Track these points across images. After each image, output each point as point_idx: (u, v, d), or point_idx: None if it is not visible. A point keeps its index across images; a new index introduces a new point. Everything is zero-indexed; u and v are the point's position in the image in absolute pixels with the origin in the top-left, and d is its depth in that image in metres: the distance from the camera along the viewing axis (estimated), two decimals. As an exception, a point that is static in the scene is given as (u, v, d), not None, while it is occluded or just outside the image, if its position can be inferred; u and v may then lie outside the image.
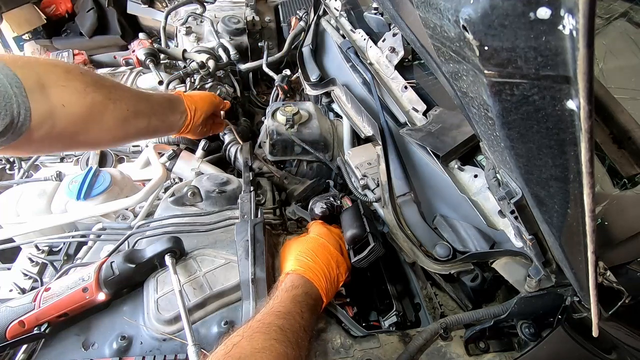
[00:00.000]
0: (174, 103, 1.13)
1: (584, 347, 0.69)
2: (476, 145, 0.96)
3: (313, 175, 1.31)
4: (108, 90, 0.90)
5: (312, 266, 0.83)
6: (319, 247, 0.89)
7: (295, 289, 0.77)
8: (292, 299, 0.73)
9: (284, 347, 0.62)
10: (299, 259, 0.85)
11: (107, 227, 1.08)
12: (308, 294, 0.77)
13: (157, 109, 1.05)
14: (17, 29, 2.85)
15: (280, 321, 0.67)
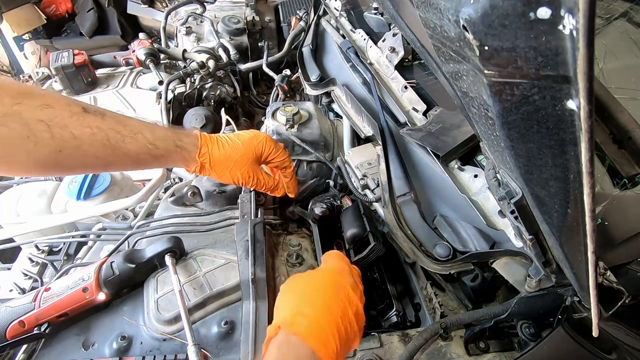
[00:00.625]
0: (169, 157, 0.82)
1: (584, 347, 0.69)
2: (476, 145, 0.96)
3: (313, 175, 1.31)
4: None
5: (317, 323, 0.58)
6: (332, 289, 0.64)
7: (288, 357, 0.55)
8: None
9: None
10: (299, 308, 0.61)
11: (107, 227, 1.08)
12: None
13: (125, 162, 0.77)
14: (17, 29, 2.85)
15: None
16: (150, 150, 0.77)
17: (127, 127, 0.74)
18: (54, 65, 1.50)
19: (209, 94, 1.63)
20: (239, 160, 0.89)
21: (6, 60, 2.92)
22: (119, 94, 1.55)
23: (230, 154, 0.89)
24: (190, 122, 1.52)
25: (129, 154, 0.75)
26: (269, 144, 0.93)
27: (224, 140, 0.90)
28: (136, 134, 0.75)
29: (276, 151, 0.95)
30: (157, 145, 0.78)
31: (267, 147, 0.93)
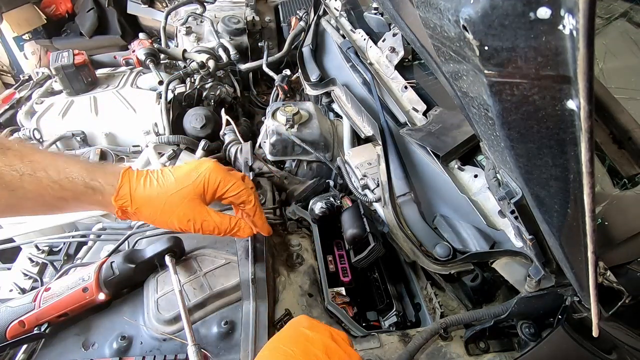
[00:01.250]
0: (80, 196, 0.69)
1: (584, 347, 0.69)
2: (476, 145, 0.96)
3: (313, 175, 1.31)
4: None
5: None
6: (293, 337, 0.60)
7: None
8: None
9: None
10: None
11: (107, 227, 1.08)
12: None
13: None
14: (17, 29, 2.85)
15: None
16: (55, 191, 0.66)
17: (30, 164, 0.64)
18: (54, 65, 1.50)
19: (209, 94, 1.63)
20: (170, 201, 0.72)
21: (6, 60, 2.93)
22: (119, 94, 1.54)
23: (158, 194, 0.72)
24: (190, 122, 1.52)
25: (28, 196, 0.64)
26: (214, 176, 0.76)
27: (154, 176, 0.74)
28: (37, 172, 0.65)
29: (227, 183, 0.77)
30: (62, 185, 0.66)
31: (213, 180, 0.76)
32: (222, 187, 0.77)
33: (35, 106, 1.55)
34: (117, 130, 1.53)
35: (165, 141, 1.43)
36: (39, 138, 1.51)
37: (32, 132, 1.49)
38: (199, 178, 0.75)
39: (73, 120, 1.50)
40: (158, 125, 1.48)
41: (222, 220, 0.78)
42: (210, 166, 0.77)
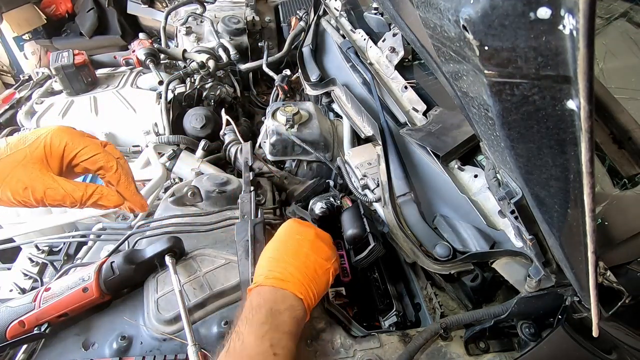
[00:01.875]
0: None
1: (584, 347, 0.69)
2: (476, 145, 0.96)
3: (313, 175, 1.31)
4: None
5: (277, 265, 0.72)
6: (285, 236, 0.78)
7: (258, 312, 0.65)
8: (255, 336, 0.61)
9: None
10: (260, 265, 0.74)
11: (107, 227, 1.08)
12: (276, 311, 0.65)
13: None
14: (17, 29, 2.85)
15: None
16: None
17: None
18: (54, 65, 1.50)
19: (209, 94, 1.63)
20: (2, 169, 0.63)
21: (6, 60, 2.93)
22: (119, 94, 1.55)
23: None
24: (190, 122, 1.52)
25: None
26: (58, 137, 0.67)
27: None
28: None
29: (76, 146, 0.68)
30: None
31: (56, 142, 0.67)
32: (69, 151, 0.68)
33: (35, 106, 1.55)
34: (117, 130, 1.53)
35: (165, 141, 1.43)
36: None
37: (32, 132, 1.49)
38: (37, 141, 0.66)
39: (73, 120, 1.51)
40: (158, 125, 1.48)
41: (75, 188, 0.68)
42: (53, 128, 0.68)
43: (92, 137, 0.74)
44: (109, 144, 0.75)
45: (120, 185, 0.73)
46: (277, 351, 0.61)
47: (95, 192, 0.70)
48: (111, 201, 0.72)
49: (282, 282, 0.70)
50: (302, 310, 0.70)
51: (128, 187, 0.74)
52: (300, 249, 0.75)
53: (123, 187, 0.74)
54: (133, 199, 0.75)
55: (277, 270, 0.72)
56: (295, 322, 0.67)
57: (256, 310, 0.66)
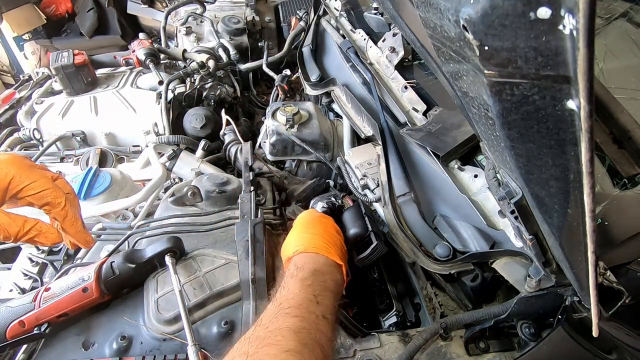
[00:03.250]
0: None
1: (584, 347, 0.69)
2: (476, 145, 0.96)
3: (313, 175, 1.31)
4: None
5: (313, 238, 0.77)
6: (312, 219, 0.85)
7: (302, 270, 0.69)
8: (300, 286, 0.65)
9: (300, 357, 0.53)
10: (296, 238, 0.79)
11: (107, 227, 1.07)
12: (318, 271, 0.70)
13: None
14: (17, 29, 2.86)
15: (291, 321, 0.58)
16: None
17: None
18: (54, 65, 1.50)
19: (209, 94, 1.63)
20: None
21: (6, 60, 2.93)
22: (119, 94, 1.55)
23: None
24: (190, 122, 1.52)
25: None
26: (5, 169, 0.64)
27: None
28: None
29: (24, 180, 0.65)
30: None
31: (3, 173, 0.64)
32: (15, 184, 0.64)
33: (35, 106, 1.55)
34: (117, 130, 1.53)
35: (165, 141, 1.43)
36: (39, 138, 1.51)
37: (32, 132, 1.49)
38: None
39: (73, 120, 1.51)
40: (158, 125, 1.48)
41: (10, 222, 0.65)
42: (3, 159, 0.64)
43: (44, 169, 0.71)
44: (60, 178, 0.72)
45: (66, 222, 0.71)
46: (320, 300, 0.63)
47: (33, 228, 0.67)
48: (49, 239, 0.69)
49: (323, 248, 0.75)
50: (341, 276, 0.75)
51: (74, 223, 0.71)
52: (327, 228, 0.83)
53: (69, 223, 0.71)
54: (78, 236, 0.73)
55: (314, 240, 0.77)
56: (336, 285, 0.72)
57: (300, 269, 0.69)
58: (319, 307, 0.62)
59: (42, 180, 0.67)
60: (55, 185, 0.69)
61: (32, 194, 0.66)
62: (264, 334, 0.55)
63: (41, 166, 0.72)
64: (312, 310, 0.61)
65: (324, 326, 0.60)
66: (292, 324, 0.57)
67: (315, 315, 0.61)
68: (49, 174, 0.70)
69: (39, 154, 1.41)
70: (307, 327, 0.58)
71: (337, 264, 0.75)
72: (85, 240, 0.74)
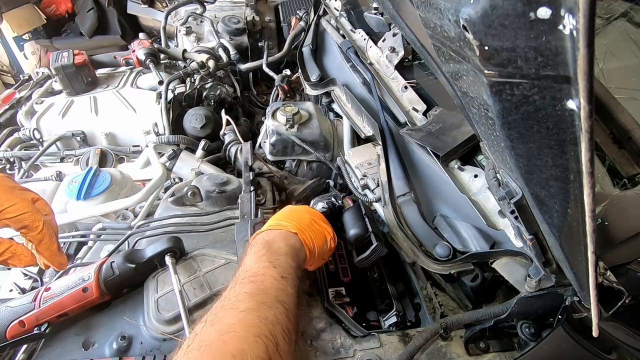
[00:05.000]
0: None
1: (584, 347, 0.69)
2: (476, 145, 0.96)
3: (313, 175, 1.31)
4: None
5: (277, 219, 0.80)
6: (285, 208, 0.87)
7: (254, 246, 0.71)
8: (255, 258, 0.67)
9: (257, 313, 0.55)
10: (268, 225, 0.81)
11: (107, 227, 1.08)
12: (270, 241, 0.72)
13: None
14: (17, 29, 2.85)
15: (247, 287, 0.60)
16: None
17: None
18: (54, 65, 1.50)
19: (209, 94, 1.63)
20: None
21: (6, 60, 2.92)
22: (119, 94, 1.55)
23: None
24: (190, 122, 1.52)
25: None
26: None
27: None
28: None
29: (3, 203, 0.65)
30: None
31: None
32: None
33: (35, 106, 1.55)
34: (117, 130, 1.53)
35: (165, 141, 1.43)
36: (39, 138, 1.51)
37: (32, 132, 1.49)
38: None
39: (73, 120, 1.51)
40: (158, 125, 1.48)
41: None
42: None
43: (24, 190, 0.71)
44: (41, 200, 0.72)
45: (42, 245, 0.70)
46: (276, 264, 0.66)
47: (7, 250, 0.67)
48: (22, 261, 0.69)
49: (277, 225, 0.78)
50: (299, 242, 0.76)
51: (49, 247, 0.71)
52: (293, 210, 0.85)
53: (44, 247, 0.71)
54: (52, 259, 0.73)
55: (269, 223, 0.80)
56: (292, 248, 0.73)
57: (252, 246, 0.72)
58: (275, 270, 0.65)
59: (21, 204, 0.67)
60: (35, 208, 0.69)
61: (10, 217, 0.66)
62: (222, 303, 0.58)
63: (22, 188, 0.71)
64: (269, 274, 0.63)
65: (283, 284, 0.63)
66: (249, 289, 0.60)
67: (273, 277, 0.63)
68: (29, 196, 0.70)
69: (39, 154, 1.41)
70: (264, 288, 0.60)
71: (292, 233, 0.76)
72: (59, 263, 0.74)
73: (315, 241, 0.78)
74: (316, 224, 0.82)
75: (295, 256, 0.73)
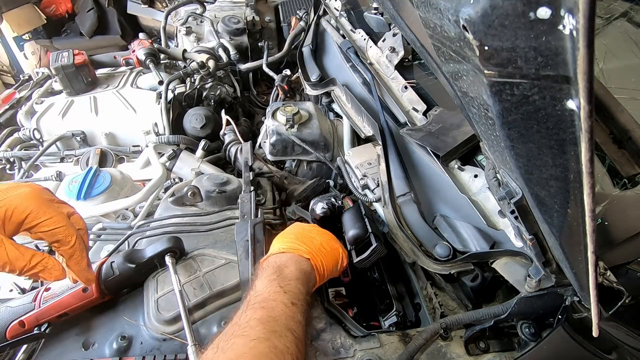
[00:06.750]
0: None
1: (584, 347, 0.69)
2: (476, 145, 0.96)
3: (313, 175, 1.31)
4: None
5: (281, 241, 0.81)
6: (294, 227, 0.88)
7: (266, 270, 0.72)
8: (266, 282, 0.68)
9: (268, 343, 0.56)
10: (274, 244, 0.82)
11: (107, 227, 1.07)
12: (282, 265, 0.73)
13: None
14: (17, 29, 2.85)
15: (258, 313, 0.61)
16: None
17: None
18: (54, 65, 1.50)
19: (209, 94, 1.63)
20: None
21: (6, 60, 2.93)
22: (119, 94, 1.55)
23: None
24: (190, 122, 1.52)
25: None
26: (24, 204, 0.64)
27: None
28: None
29: (40, 216, 0.65)
30: None
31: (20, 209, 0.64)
32: (30, 219, 0.65)
33: (35, 106, 1.55)
34: (117, 130, 1.53)
35: (165, 141, 1.43)
36: (39, 138, 1.51)
37: (32, 132, 1.49)
38: (2, 202, 0.63)
39: (73, 120, 1.51)
40: (158, 125, 1.48)
41: (18, 256, 0.64)
42: (24, 192, 0.65)
43: (61, 204, 0.71)
44: (76, 214, 0.73)
45: (72, 260, 0.71)
46: (286, 289, 0.67)
47: (39, 263, 0.67)
48: (52, 275, 0.69)
49: (288, 248, 0.78)
50: (310, 267, 0.76)
51: (79, 262, 0.72)
52: (304, 231, 0.84)
53: (74, 262, 0.71)
54: (80, 274, 0.73)
55: (280, 243, 0.80)
56: (302, 273, 0.73)
57: (264, 269, 0.72)
58: (285, 296, 0.66)
59: (57, 217, 0.67)
60: (69, 222, 0.69)
61: (46, 230, 0.66)
62: (233, 329, 0.59)
63: (59, 201, 0.72)
64: (280, 300, 0.64)
65: (293, 312, 0.64)
66: (259, 315, 0.61)
67: (283, 304, 0.64)
68: (65, 210, 0.70)
69: (39, 154, 1.41)
70: (275, 315, 0.61)
71: (304, 258, 0.77)
72: (87, 279, 0.74)
73: (325, 265, 0.79)
74: (327, 245, 0.82)
75: (306, 281, 0.73)
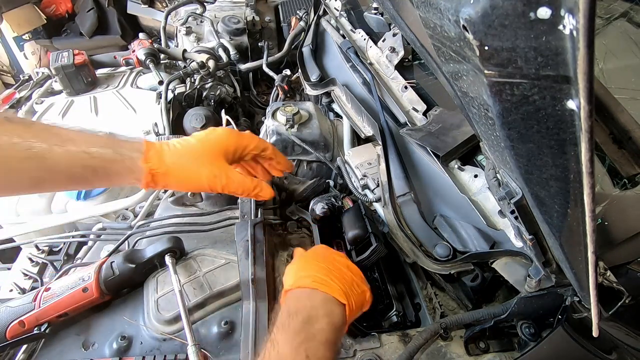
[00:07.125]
0: None
1: (584, 347, 0.69)
2: (476, 145, 0.96)
3: (313, 175, 1.31)
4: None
5: (314, 270, 0.69)
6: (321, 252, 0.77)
7: (294, 318, 0.62)
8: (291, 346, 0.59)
9: None
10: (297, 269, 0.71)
11: (107, 227, 1.08)
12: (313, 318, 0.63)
13: None
14: (17, 29, 2.85)
15: None
16: (84, 160, 0.64)
17: (56, 136, 0.63)
18: (54, 65, 1.50)
19: (209, 94, 1.63)
20: (198, 159, 0.73)
21: (6, 60, 2.93)
22: (119, 94, 1.55)
23: (185, 153, 0.72)
24: (190, 122, 1.52)
25: (58, 167, 0.62)
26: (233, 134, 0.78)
27: (175, 142, 0.74)
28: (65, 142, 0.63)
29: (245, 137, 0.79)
30: (91, 153, 0.64)
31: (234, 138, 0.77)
32: (241, 143, 0.78)
33: (35, 106, 1.55)
34: (117, 130, 1.53)
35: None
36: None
37: (32, 132, 1.49)
38: (219, 137, 0.76)
39: (73, 120, 1.51)
40: (158, 125, 1.48)
41: (244, 180, 0.77)
42: (224, 128, 0.79)
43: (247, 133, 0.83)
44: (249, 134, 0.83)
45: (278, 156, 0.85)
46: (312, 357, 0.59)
47: (257, 185, 0.79)
48: (267, 193, 0.80)
49: (323, 284, 0.67)
50: (342, 318, 0.65)
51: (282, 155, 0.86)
52: (334, 261, 0.73)
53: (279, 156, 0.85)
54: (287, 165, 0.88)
55: (314, 273, 0.68)
56: (333, 330, 0.63)
57: (293, 316, 0.63)
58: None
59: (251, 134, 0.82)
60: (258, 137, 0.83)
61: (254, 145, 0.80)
62: None
63: None
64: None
65: None
66: None
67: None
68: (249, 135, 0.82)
69: (39, 154, 1.41)
70: None
71: (338, 302, 0.66)
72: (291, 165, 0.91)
73: (356, 308, 0.68)
74: (358, 287, 0.71)
75: (336, 341, 0.64)
